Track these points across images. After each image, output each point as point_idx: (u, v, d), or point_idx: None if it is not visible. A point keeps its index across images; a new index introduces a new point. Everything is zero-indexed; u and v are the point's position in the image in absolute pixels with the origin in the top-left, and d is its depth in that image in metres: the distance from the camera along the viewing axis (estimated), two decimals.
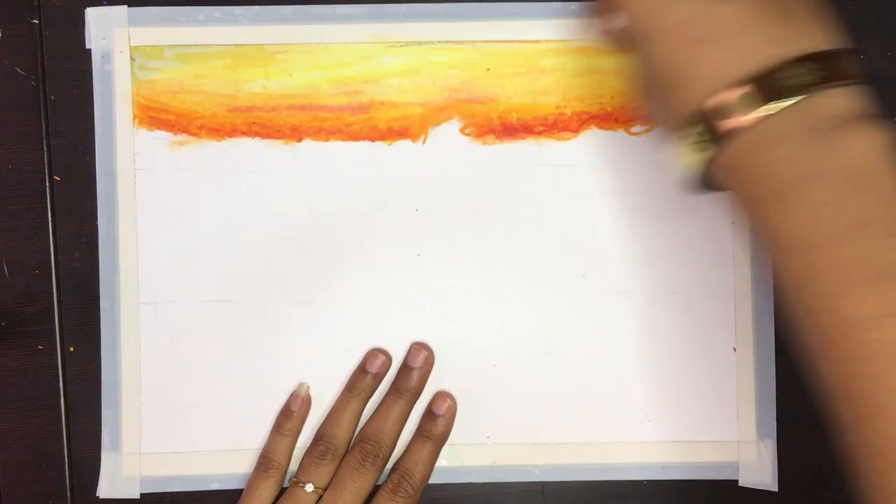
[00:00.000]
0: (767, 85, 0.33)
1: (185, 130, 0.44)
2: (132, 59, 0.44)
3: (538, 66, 0.45)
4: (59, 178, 0.45)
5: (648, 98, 0.37)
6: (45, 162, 0.44)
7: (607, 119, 0.45)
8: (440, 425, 0.43)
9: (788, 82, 0.33)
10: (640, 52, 0.36)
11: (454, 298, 0.45)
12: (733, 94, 0.33)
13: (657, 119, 0.37)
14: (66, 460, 0.44)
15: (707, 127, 0.34)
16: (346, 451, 0.43)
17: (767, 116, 0.32)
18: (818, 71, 0.33)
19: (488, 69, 0.45)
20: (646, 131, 0.45)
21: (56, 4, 0.44)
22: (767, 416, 0.44)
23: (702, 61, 0.34)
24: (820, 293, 0.32)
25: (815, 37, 0.34)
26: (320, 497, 0.42)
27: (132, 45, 0.44)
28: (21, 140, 0.44)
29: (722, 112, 0.33)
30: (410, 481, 0.42)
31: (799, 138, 0.32)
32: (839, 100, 0.33)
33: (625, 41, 0.37)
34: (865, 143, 0.32)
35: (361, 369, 0.44)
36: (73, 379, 0.44)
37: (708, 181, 0.36)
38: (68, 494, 0.44)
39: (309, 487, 0.42)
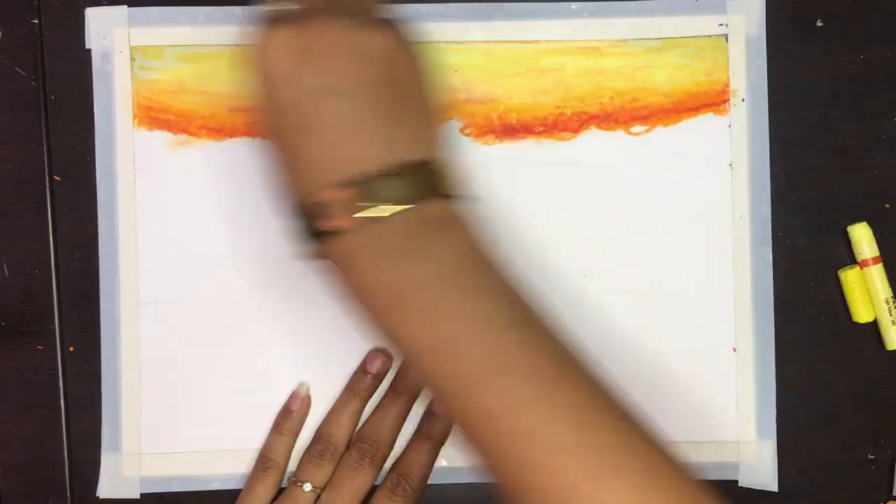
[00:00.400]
0: (368, 191, 0.33)
1: (185, 130, 0.44)
2: (132, 59, 0.44)
3: (538, 66, 0.45)
4: (59, 178, 0.45)
5: (273, 163, 0.36)
6: (45, 162, 0.44)
7: (607, 119, 0.45)
8: (440, 425, 0.43)
9: (389, 192, 0.33)
10: (265, 118, 0.35)
11: None
12: (333, 196, 0.33)
13: (278, 188, 0.36)
14: (66, 460, 0.44)
15: (309, 222, 0.34)
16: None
17: (366, 223, 0.33)
18: (418, 183, 0.33)
19: (488, 69, 0.45)
20: (646, 131, 0.45)
21: (56, 4, 0.44)
22: (767, 416, 0.44)
23: (307, 154, 0.34)
24: (452, 393, 0.33)
25: (423, 146, 0.35)
26: (318, 496, 0.42)
27: (132, 45, 0.44)
28: (21, 140, 0.44)
29: (322, 211, 0.33)
30: (409, 481, 0.42)
31: (400, 247, 0.33)
32: (435, 208, 0.34)
33: None
34: (459, 248, 0.34)
35: (362, 370, 0.44)
36: (73, 379, 0.44)
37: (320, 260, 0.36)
38: (68, 494, 0.44)
39: (307, 487, 0.42)
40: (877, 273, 0.44)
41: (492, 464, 0.33)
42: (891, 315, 0.44)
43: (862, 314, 0.44)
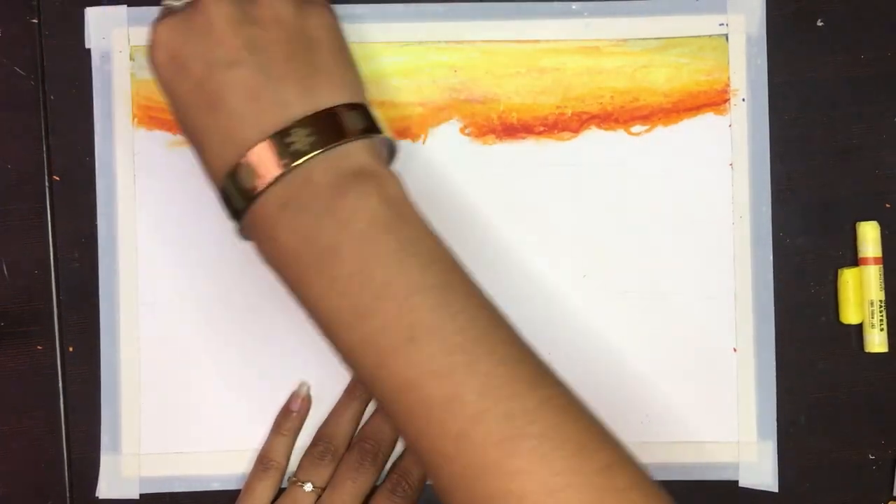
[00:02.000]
0: (260, 158, 0.33)
1: None
2: (132, 59, 0.44)
3: (538, 66, 0.45)
4: (58, 178, 0.45)
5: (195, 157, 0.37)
6: (45, 162, 0.44)
7: (607, 119, 0.45)
8: None
9: (295, 146, 0.33)
10: (172, 114, 0.37)
11: None
12: (241, 164, 0.33)
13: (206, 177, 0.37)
14: (66, 460, 0.44)
15: (228, 198, 0.34)
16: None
17: (266, 193, 0.33)
18: (321, 131, 0.33)
19: (488, 69, 0.45)
20: (646, 131, 0.45)
21: (56, 4, 0.44)
22: (767, 416, 0.44)
23: (213, 132, 0.34)
24: (366, 364, 0.32)
25: (327, 96, 0.34)
26: (319, 497, 0.42)
27: (132, 44, 0.44)
28: (21, 140, 0.44)
29: (236, 183, 0.34)
30: (409, 481, 0.42)
31: (307, 209, 0.33)
32: (351, 159, 0.33)
33: None
34: (368, 205, 0.33)
35: None
36: (72, 379, 0.44)
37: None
38: (68, 494, 0.44)
39: (308, 487, 0.42)
40: (874, 274, 0.44)
41: (411, 434, 0.32)
42: (873, 317, 0.44)
43: (850, 315, 0.44)
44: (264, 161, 0.33)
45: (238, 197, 0.34)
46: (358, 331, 0.32)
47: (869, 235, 0.44)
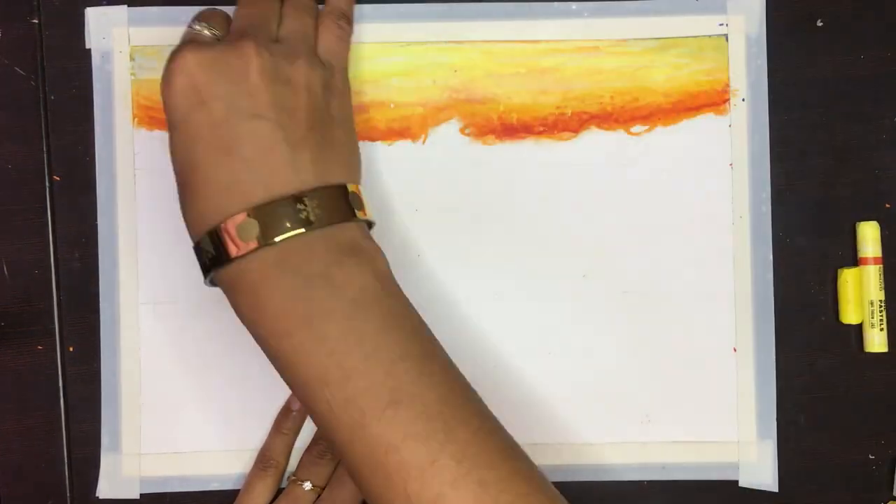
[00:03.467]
0: (274, 215, 0.33)
1: None
2: (132, 59, 0.44)
3: (538, 66, 0.45)
4: (59, 178, 0.45)
5: (178, 188, 0.36)
6: (45, 162, 0.44)
7: (607, 119, 0.45)
8: None
9: (295, 216, 0.34)
10: (171, 141, 0.36)
11: (454, 298, 0.44)
12: (239, 220, 0.33)
13: (183, 212, 0.37)
14: (66, 460, 0.44)
15: (217, 245, 0.34)
16: None
17: (263, 249, 0.33)
18: (324, 208, 0.34)
19: (488, 69, 0.45)
20: (646, 131, 0.45)
21: (56, 4, 0.44)
22: (767, 416, 0.44)
23: (222, 176, 0.34)
24: (346, 423, 0.33)
25: (335, 172, 0.35)
26: (319, 495, 0.42)
27: (132, 44, 0.44)
28: (21, 140, 0.44)
29: (229, 235, 0.34)
30: None
31: (301, 272, 0.33)
32: (345, 235, 0.35)
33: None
34: (362, 276, 0.34)
35: None
36: (73, 379, 0.44)
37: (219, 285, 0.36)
38: (68, 494, 0.44)
39: (307, 486, 0.42)
40: (874, 273, 0.44)
41: (387, 499, 0.33)
42: (873, 317, 0.44)
43: (850, 315, 0.44)
44: (271, 220, 0.33)
45: (228, 246, 0.34)
46: (343, 389, 0.33)
47: (869, 235, 0.44)
